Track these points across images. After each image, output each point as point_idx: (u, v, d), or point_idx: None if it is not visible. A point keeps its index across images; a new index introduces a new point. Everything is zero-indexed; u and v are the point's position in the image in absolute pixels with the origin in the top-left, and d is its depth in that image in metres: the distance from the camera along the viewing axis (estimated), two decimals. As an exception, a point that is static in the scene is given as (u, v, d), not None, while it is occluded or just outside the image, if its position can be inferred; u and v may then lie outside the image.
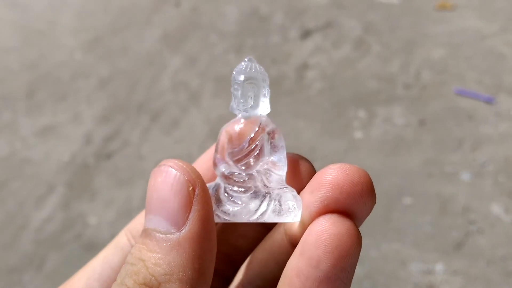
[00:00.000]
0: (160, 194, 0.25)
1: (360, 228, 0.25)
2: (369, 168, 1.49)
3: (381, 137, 1.60)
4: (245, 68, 0.31)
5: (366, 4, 2.23)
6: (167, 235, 0.24)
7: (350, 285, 0.24)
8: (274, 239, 0.30)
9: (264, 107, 0.31)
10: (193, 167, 0.26)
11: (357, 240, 0.23)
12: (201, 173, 0.27)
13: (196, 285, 0.24)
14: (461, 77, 1.82)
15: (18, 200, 1.47)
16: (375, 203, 0.25)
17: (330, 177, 0.24)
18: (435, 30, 2.06)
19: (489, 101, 1.71)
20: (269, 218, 0.28)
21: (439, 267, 1.25)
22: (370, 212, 0.25)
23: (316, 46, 2.01)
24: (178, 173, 0.25)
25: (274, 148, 0.30)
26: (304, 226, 0.26)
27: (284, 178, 0.30)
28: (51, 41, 2.12)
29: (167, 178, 0.25)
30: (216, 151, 0.30)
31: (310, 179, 0.27)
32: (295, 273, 0.24)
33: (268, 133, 0.30)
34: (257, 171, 0.30)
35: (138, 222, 0.32)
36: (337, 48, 1.99)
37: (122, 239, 0.33)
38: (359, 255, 0.24)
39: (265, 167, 0.30)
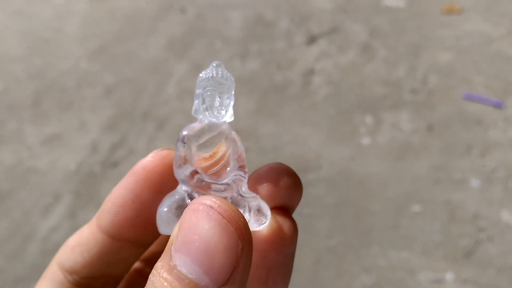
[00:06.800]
0: (205, 243, 0.23)
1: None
2: (376, 174, 1.48)
3: (388, 143, 1.58)
4: (221, 74, 0.29)
5: (371, 9, 2.22)
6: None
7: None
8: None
9: (230, 114, 0.30)
10: (241, 215, 0.24)
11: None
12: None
13: None
14: (468, 81, 1.80)
15: (24, 209, 1.47)
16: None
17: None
18: (442, 34, 2.04)
19: (497, 106, 1.69)
20: (251, 228, 0.27)
21: (448, 276, 1.23)
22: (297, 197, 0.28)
23: (322, 51, 2.00)
24: (231, 227, 0.23)
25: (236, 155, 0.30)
26: None
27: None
28: (57, 49, 2.13)
29: (216, 228, 0.23)
30: (184, 158, 0.28)
31: (291, 193, 0.28)
32: None
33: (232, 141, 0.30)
34: (233, 181, 0.29)
35: (66, 254, 0.31)
36: (343, 53, 1.98)
37: (57, 274, 0.31)
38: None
39: (237, 175, 0.29)
